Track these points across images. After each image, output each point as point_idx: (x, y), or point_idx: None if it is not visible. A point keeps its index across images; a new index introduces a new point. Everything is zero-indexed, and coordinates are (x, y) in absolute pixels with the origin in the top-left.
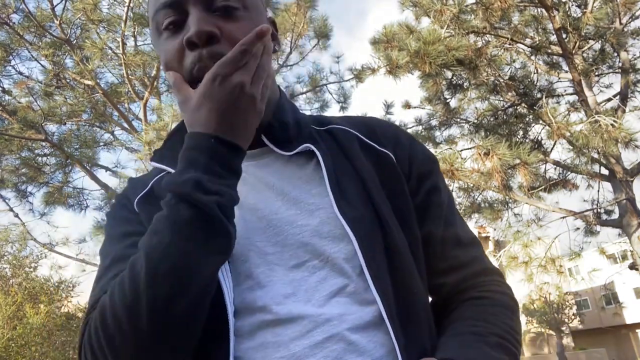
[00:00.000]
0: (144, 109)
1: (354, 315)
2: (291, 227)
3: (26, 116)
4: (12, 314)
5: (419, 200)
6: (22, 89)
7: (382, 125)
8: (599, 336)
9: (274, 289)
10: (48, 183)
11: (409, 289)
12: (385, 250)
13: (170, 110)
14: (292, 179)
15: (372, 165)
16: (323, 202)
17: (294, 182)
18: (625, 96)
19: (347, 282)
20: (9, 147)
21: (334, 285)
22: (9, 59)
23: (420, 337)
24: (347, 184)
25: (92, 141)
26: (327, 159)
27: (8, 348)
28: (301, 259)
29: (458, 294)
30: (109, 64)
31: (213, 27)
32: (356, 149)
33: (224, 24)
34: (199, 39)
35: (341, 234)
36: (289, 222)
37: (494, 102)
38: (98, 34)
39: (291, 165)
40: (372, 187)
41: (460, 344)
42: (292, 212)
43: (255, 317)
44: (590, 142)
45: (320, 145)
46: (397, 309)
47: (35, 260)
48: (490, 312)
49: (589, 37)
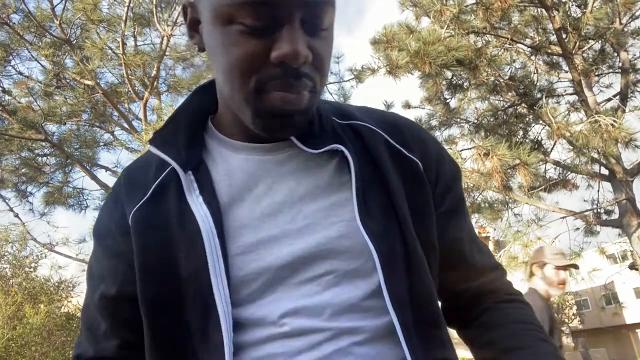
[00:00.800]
0: (144, 109)
1: (367, 329)
2: (306, 237)
3: (26, 116)
4: (12, 314)
5: (443, 210)
6: (22, 89)
7: (410, 127)
8: (599, 336)
9: (284, 304)
10: (48, 183)
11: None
12: (405, 267)
13: (170, 110)
14: (311, 181)
15: (398, 172)
16: (344, 213)
17: (313, 186)
18: (625, 96)
19: (363, 297)
20: (9, 147)
21: (348, 300)
22: (9, 59)
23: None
24: (372, 193)
25: (92, 141)
26: (356, 163)
27: (8, 348)
28: (315, 272)
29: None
30: (109, 64)
31: (308, 52)
32: (383, 154)
33: (312, 43)
34: (295, 61)
35: (361, 250)
36: (304, 232)
37: (494, 102)
38: (98, 34)
39: (312, 165)
40: (397, 198)
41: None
42: (309, 220)
43: (264, 330)
44: (590, 142)
45: (347, 146)
46: (413, 324)
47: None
48: (529, 314)
49: (589, 37)
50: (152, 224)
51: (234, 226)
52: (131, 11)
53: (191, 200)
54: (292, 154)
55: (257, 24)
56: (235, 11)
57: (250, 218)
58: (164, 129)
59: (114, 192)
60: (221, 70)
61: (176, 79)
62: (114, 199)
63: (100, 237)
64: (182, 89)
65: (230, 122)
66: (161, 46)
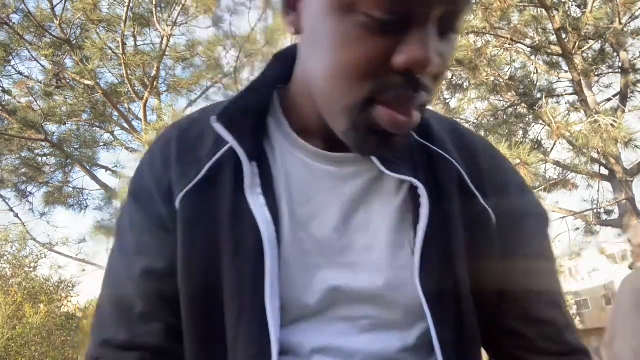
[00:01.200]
0: (143, 109)
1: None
2: (353, 275)
3: (26, 116)
4: (12, 313)
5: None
6: (22, 89)
7: (493, 166)
8: (599, 336)
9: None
10: (48, 183)
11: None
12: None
13: (170, 110)
14: (374, 210)
15: (467, 217)
16: (401, 257)
17: (374, 216)
18: (625, 96)
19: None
20: (9, 147)
21: (383, 350)
22: (8, 59)
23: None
24: (435, 242)
25: (92, 141)
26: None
27: (8, 348)
28: (354, 312)
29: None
30: (109, 64)
31: (439, 60)
32: (455, 196)
33: (440, 47)
34: (422, 70)
35: (411, 305)
36: (352, 267)
37: (494, 102)
38: (98, 34)
39: (377, 189)
40: (460, 251)
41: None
42: (360, 257)
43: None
44: (590, 142)
45: (421, 179)
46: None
47: (35, 260)
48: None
49: (588, 37)
50: (202, 216)
51: (285, 241)
52: (131, 11)
53: (251, 198)
54: (358, 171)
55: (387, 17)
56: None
57: (300, 238)
58: (233, 106)
59: (163, 152)
60: (326, 65)
61: (176, 79)
62: (163, 159)
63: (141, 201)
64: (181, 89)
65: (304, 115)
66: (161, 46)
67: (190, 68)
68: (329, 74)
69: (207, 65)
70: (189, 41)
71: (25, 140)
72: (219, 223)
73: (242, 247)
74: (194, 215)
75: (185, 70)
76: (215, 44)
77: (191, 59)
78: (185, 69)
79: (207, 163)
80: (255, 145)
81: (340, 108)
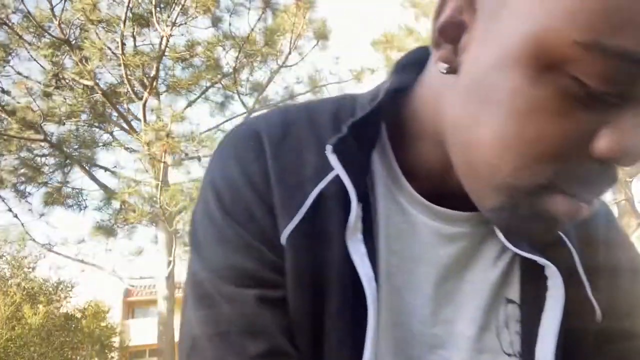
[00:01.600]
0: (143, 109)
1: None
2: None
3: (25, 116)
4: (11, 314)
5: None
6: (21, 89)
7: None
8: None
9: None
10: (47, 183)
11: None
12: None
13: (169, 110)
14: (472, 282)
15: (570, 310)
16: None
17: (469, 289)
18: None
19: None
20: (8, 147)
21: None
22: (8, 59)
23: None
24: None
25: (91, 141)
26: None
27: (7, 349)
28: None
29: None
30: (108, 64)
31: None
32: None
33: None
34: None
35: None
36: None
37: None
38: (97, 34)
39: (476, 256)
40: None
41: None
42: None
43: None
44: None
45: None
46: None
47: (34, 260)
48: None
49: None
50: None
51: (381, 307)
52: (130, 11)
53: (352, 244)
54: (465, 232)
55: (604, 88)
56: (574, 54)
57: (394, 306)
58: (350, 135)
59: (260, 165)
60: (496, 131)
61: (175, 79)
62: (261, 173)
63: (239, 219)
64: (181, 89)
65: (417, 156)
66: (160, 46)
67: (190, 68)
68: (499, 144)
69: (206, 65)
70: (188, 41)
71: (25, 141)
72: (325, 268)
73: (346, 305)
74: (303, 257)
75: (185, 71)
76: (215, 44)
77: (190, 59)
78: (185, 69)
79: (311, 191)
80: (364, 182)
81: (498, 184)
